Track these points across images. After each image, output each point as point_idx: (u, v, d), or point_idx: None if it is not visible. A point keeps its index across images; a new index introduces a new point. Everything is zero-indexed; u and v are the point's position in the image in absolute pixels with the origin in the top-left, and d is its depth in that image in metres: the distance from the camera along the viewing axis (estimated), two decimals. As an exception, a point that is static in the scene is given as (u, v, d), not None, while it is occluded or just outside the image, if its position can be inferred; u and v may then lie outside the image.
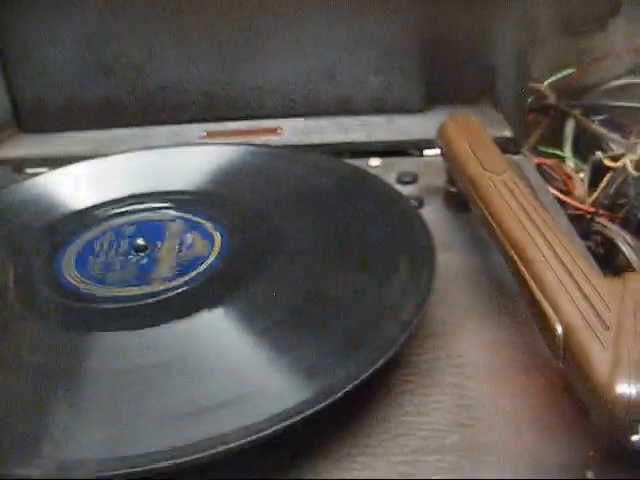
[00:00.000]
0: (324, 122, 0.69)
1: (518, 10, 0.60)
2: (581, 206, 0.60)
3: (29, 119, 0.72)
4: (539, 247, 0.36)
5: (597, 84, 0.77)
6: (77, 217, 0.48)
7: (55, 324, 0.37)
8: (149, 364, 0.34)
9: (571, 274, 0.34)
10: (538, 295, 0.33)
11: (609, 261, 0.61)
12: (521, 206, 0.39)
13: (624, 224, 0.61)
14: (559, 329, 0.31)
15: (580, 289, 0.33)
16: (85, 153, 0.66)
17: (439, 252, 0.41)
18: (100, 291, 0.39)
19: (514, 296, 0.42)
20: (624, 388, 0.27)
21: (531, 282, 0.34)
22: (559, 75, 0.74)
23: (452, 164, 0.48)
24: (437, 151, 0.61)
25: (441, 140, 0.51)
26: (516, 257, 0.36)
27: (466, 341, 0.39)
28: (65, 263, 0.42)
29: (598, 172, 0.67)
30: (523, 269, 0.35)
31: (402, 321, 0.35)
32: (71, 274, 0.41)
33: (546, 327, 0.33)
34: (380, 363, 0.32)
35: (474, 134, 0.48)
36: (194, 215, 0.46)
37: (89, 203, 0.49)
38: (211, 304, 0.37)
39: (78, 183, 0.52)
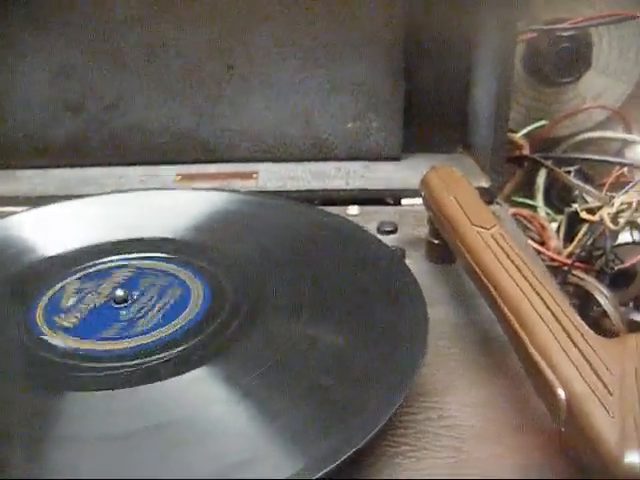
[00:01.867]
0: (300, 168, 0.68)
1: (497, 59, 0.61)
2: (559, 258, 0.61)
3: (-6, 156, 0.70)
4: (535, 307, 0.35)
5: (568, 136, 0.78)
6: (49, 264, 0.46)
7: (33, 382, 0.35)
8: (123, 431, 0.32)
9: (570, 336, 0.33)
10: (537, 359, 0.33)
11: (583, 312, 0.61)
12: (513, 262, 0.39)
13: (600, 275, 0.62)
14: (561, 394, 0.31)
15: (580, 352, 0.32)
16: (53, 192, 0.65)
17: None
18: (79, 345, 0.38)
19: (502, 351, 0.41)
20: (634, 457, 0.27)
21: (529, 344, 0.34)
22: (532, 126, 0.75)
23: (437, 217, 0.48)
24: (414, 200, 0.61)
25: (425, 192, 0.51)
26: (512, 317, 0.36)
27: (457, 400, 0.38)
28: (38, 314, 0.40)
29: (572, 223, 0.68)
30: (520, 330, 0.35)
31: (396, 384, 0.34)
32: (45, 326, 0.39)
33: (546, 390, 0.32)
34: (374, 431, 0.31)
35: (459, 187, 0.48)
36: (175, 265, 0.44)
37: (63, 249, 0.47)
38: (192, 363, 0.36)
39: (51, 226, 0.50)
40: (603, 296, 0.58)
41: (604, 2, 0.72)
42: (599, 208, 0.61)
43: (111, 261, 0.45)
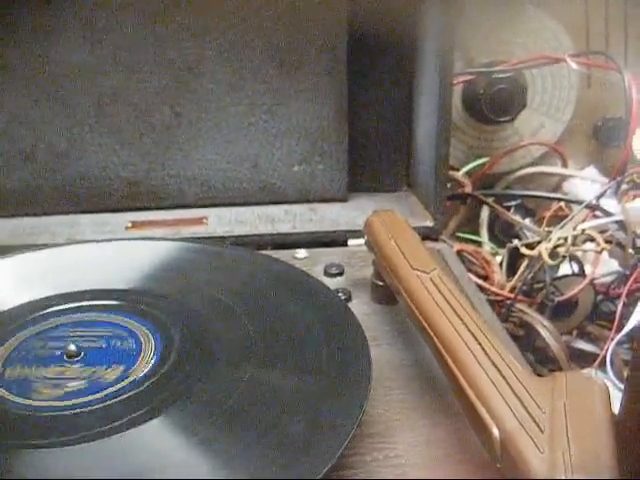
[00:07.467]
0: (248, 212, 0.70)
1: (436, 101, 0.63)
2: (501, 292, 0.63)
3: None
4: (471, 349, 0.37)
5: (508, 172, 0.81)
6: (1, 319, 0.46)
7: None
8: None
9: (503, 375, 0.35)
10: (473, 398, 0.34)
11: (529, 342, 0.64)
12: (450, 305, 0.41)
13: (541, 308, 0.64)
14: (495, 433, 0.32)
15: (513, 391, 0.34)
16: (5, 242, 0.65)
17: (370, 347, 0.42)
18: (33, 402, 0.38)
19: (445, 390, 0.43)
20: (562, 493, 0.29)
21: (465, 385, 0.35)
22: (474, 164, 0.78)
23: (379, 260, 0.50)
24: (361, 241, 0.63)
25: (368, 236, 0.52)
26: (449, 359, 0.37)
27: (403, 440, 0.39)
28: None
29: (514, 257, 0.70)
30: (456, 371, 0.36)
31: (342, 429, 0.35)
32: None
33: (482, 429, 0.34)
34: (322, 474, 0.32)
35: (400, 231, 0.50)
36: (127, 317, 0.45)
37: (15, 303, 0.48)
38: (145, 416, 0.36)
39: (2, 279, 0.51)
40: (544, 328, 0.61)
41: (535, 46, 0.76)
42: (538, 243, 0.64)
43: (63, 315, 0.46)
